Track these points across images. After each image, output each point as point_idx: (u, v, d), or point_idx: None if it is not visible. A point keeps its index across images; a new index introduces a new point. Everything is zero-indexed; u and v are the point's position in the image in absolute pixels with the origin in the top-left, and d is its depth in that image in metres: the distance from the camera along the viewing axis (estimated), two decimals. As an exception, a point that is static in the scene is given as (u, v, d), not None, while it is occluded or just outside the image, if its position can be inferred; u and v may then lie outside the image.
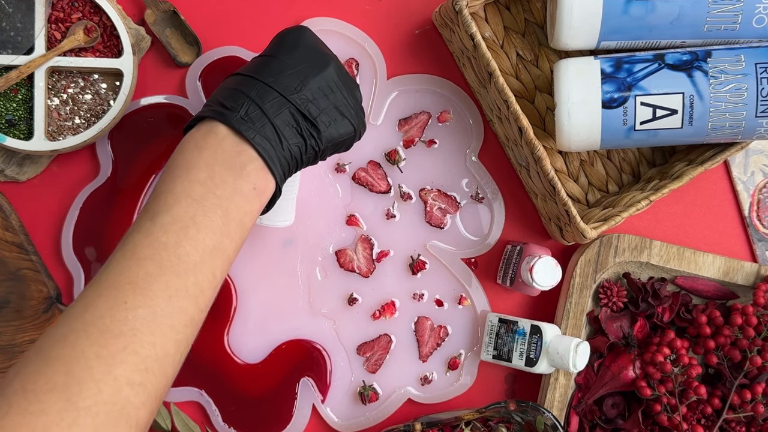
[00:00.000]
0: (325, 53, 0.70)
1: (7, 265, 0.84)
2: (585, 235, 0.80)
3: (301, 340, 0.88)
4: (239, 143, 0.63)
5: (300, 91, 0.66)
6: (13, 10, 0.81)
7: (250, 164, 0.63)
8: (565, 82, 0.79)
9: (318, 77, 0.67)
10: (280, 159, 0.65)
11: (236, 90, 0.66)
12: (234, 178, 0.62)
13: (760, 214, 0.93)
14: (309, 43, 0.70)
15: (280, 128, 0.65)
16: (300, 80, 0.67)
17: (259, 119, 0.64)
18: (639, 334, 0.88)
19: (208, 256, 0.60)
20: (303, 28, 0.72)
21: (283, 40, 0.70)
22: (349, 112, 0.69)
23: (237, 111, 0.64)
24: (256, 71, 0.67)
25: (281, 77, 0.66)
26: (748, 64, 0.76)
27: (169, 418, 0.86)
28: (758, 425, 0.86)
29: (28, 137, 0.82)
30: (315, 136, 0.67)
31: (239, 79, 0.67)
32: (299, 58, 0.68)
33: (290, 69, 0.67)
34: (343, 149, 0.72)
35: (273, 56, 0.68)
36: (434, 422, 0.84)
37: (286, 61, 0.67)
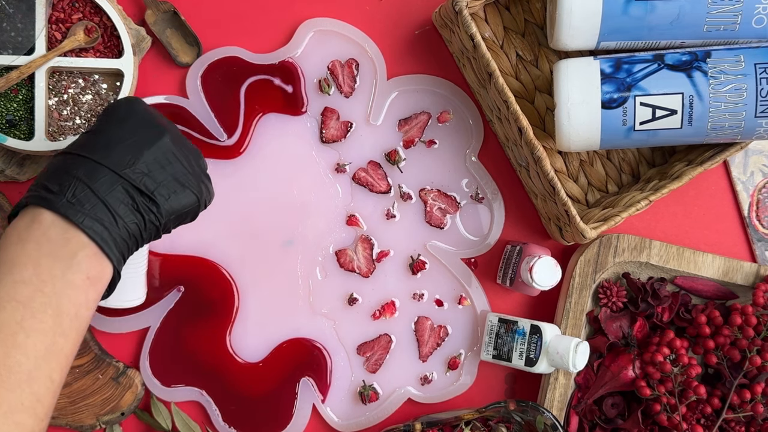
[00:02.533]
0: (159, 123, 0.66)
1: (8, 265, 0.84)
2: (585, 235, 0.80)
3: (301, 339, 0.88)
4: (67, 230, 0.59)
5: (133, 165, 0.62)
6: (14, 10, 0.81)
7: (81, 252, 0.59)
8: (565, 83, 0.79)
9: (153, 148, 0.63)
10: (116, 240, 0.60)
11: (62, 170, 0.61)
12: (63, 271, 0.58)
13: (760, 214, 0.93)
14: (140, 114, 0.66)
15: (114, 207, 0.60)
16: (133, 153, 0.62)
17: (89, 200, 0.59)
18: (638, 334, 0.89)
19: (42, 361, 0.56)
20: (134, 99, 0.67)
21: (113, 113, 0.66)
22: (190, 182, 0.65)
23: (63, 194, 0.59)
24: (84, 148, 0.62)
25: (112, 152, 0.62)
26: (748, 65, 0.77)
27: (169, 417, 0.86)
28: (758, 425, 0.86)
29: (29, 137, 0.82)
30: (154, 211, 0.63)
31: (65, 158, 0.62)
32: (131, 130, 0.64)
33: (122, 142, 0.63)
34: (188, 220, 0.68)
35: (102, 131, 0.64)
36: (434, 422, 0.85)
37: (116, 134, 0.63)
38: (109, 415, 0.85)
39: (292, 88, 0.88)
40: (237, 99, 0.88)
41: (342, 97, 0.89)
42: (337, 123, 0.89)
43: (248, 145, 0.88)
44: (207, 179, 0.69)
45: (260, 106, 0.88)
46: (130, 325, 0.86)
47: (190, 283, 0.87)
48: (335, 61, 0.89)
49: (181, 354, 0.87)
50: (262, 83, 0.88)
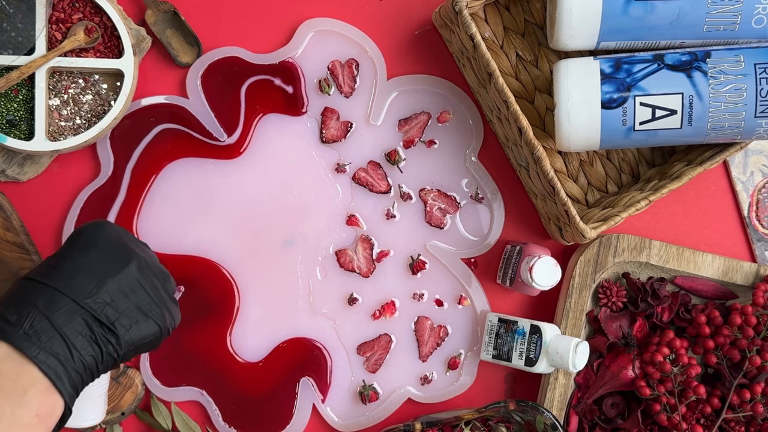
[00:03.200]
0: (127, 249, 0.65)
1: (8, 265, 0.84)
2: (584, 235, 0.80)
3: (301, 338, 0.88)
4: (21, 363, 0.58)
5: (96, 295, 0.61)
6: (14, 10, 0.81)
7: (33, 388, 0.57)
8: (565, 83, 0.79)
9: (118, 277, 0.63)
10: (70, 375, 0.59)
11: (22, 299, 0.60)
12: (12, 408, 0.57)
13: (760, 214, 0.93)
14: (108, 239, 0.65)
15: (71, 339, 0.59)
16: (96, 282, 0.61)
17: (46, 332, 0.58)
18: (638, 333, 0.89)
19: None
20: (102, 223, 0.67)
21: (78, 238, 0.65)
22: (154, 311, 0.64)
23: (20, 325, 0.58)
24: (46, 275, 0.61)
25: (74, 280, 0.61)
26: (748, 65, 0.77)
27: (169, 417, 0.86)
28: (757, 425, 0.86)
29: (29, 137, 0.82)
30: (113, 343, 0.62)
31: (27, 286, 0.61)
32: (96, 257, 0.63)
33: (85, 270, 0.62)
34: (146, 350, 0.67)
35: (66, 257, 0.63)
36: (434, 422, 0.85)
37: (80, 261, 0.62)
38: (109, 415, 0.85)
39: (292, 89, 0.88)
40: (237, 99, 0.88)
41: (342, 97, 0.89)
42: (337, 123, 0.89)
43: (248, 145, 0.88)
44: (173, 304, 0.68)
45: (260, 107, 0.88)
46: (130, 325, 0.86)
47: (190, 283, 0.87)
48: (335, 61, 0.89)
49: (181, 354, 0.87)
50: (263, 83, 0.88)
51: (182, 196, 0.87)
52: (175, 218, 0.87)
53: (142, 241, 0.69)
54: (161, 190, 0.87)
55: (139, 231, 0.87)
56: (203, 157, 0.87)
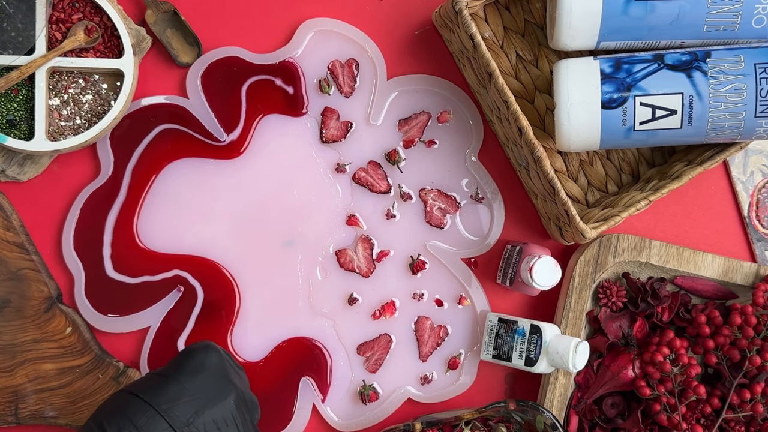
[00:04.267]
0: (228, 380, 0.68)
1: (8, 264, 0.84)
2: (584, 235, 0.80)
3: (301, 338, 0.88)
4: None
5: (192, 424, 0.63)
6: (14, 10, 0.81)
7: None
8: (565, 83, 0.79)
9: (215, 409, 0.65)
10: None
11: (122, 414, 0.62)
12: None
13: (759, 214, 0.93)
14: (214, 367, 0.68)
15: None
16: (195, 410, 0.64)
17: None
18: (638, 333, 0.89)
19: None
20: (211, 348, 0.69)
21: (187, 361, 0.67)
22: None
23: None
24: (151, 394, 0.64)
25: (176, 405, 0.63)
26: (748, 65, 0.77)
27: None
28: (757, 425, 0.86)
29: (29, 137, 0.82)
30: None
31: (131, 401, 0.63)
32: (200, 385, 0.66)
33: (187, 396, 0.64)
34: None
35: (172, 379, 0.65)
36: (434, 422, 0.85)
37: (185, 386, 0.65)
38: (109, 415, 0.85)
39: (292, 89, 0.88)
40: (237, 99, 0.88)
41: (342, 97, 0.89)
42: (337, 123, 0.89)
43: (248, 145, 0.88)
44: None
45: (261, 107, 0.88)
46: (130, 325, 0.86)
47: (192, 283, 0.87)
48: (335, 61, 0.89)
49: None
50: (263, 83, 0.88)
51: (182, 196, 0.87)
52: (175, 218, 0.87)
53: (239, 366, 0.72)
54: (161, 190, 0.87)
55: (139, 231, 0.87)
56: (203, 157, 0.87)
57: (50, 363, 0.84)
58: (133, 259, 0.86)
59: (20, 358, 0.84)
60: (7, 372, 0.84)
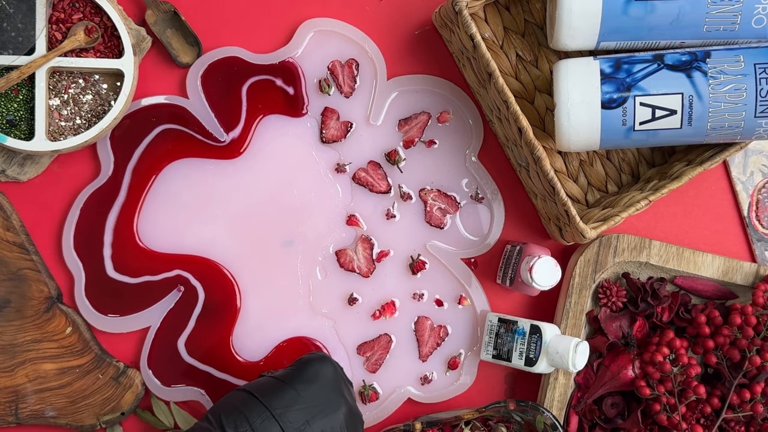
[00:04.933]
0: (341, 393, 0.70)
1: (8, 264, 0.84)
2: (584, 235, 0.80)
3: (301, 337, 0.88)
4: None
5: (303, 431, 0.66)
6: (14, 10, 0.81)
7: None
8: (565, 83, 0.79)
9: (326, 419, 0.67)
10: None
11: (241, 412, 0.65)
12: None
13: (759, 214, 0.93)
14: (328, 379, 0.70)
15: None
16: (307, 418, 0.66)
17: None
18: (638, 333, 0.89)
19: None
20: (327, 359, 0.72)
21: (304, 370, 0.70)
22: None
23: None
24: (269, 396, 0.67)
25: (290, 411, 0.66)
26: (747, 65, 0.77)
27: (170, 415, 0.86)
28: (757, 425, 0.86)
29: (29, 137, 0.82)
30: None
31: (248, 400, 0.67)
32: (314, 394, 0.68)
33: (301, 404, 0.67)
34: None
35: (289, 384, 0.68)
36: (434, 422, 0.85)
37: (300, 393, 0.68)
38: (109, 415, 0.85)
39: (293, 89, 0.88)
40: (237, 99, 0.88)
41: (342, 97, 0.89)
42: (337, 123, 0.89)
43: (248, 146, 0.88)
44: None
45: (261, 107, 0.88)
46: (130, 325, 0.86)
47: (192, 283, 0.87)
48: (335, 61, 0.89)
49: (182, 354, 0.87)
50: (263, 83, 0.88)
51: (182, 196, 0.87)
52: (176, 218, 0.87)
53: (350, 381, 0.74)
54: (161, 190, 0.87)
55: (140, 231, 0.87)
56: (203, 158, 0.87)
57: (50, 363, 0.84)
58: (134, 259, 0.86)
59: (20, 358, 0.84)
60: (8, 372, 0.84)
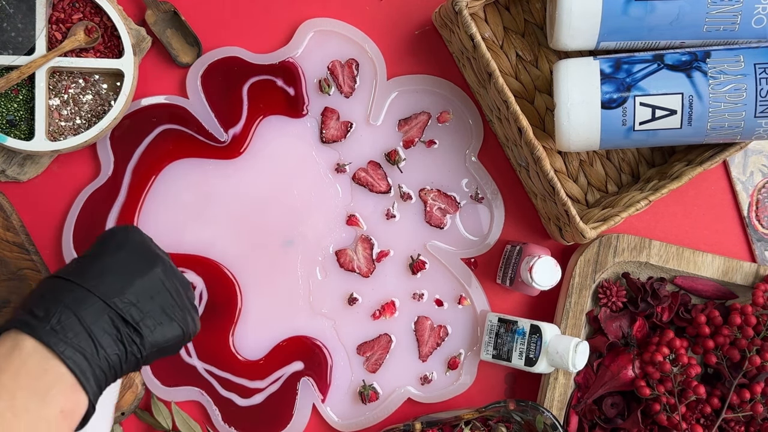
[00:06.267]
0: (152, 253, 0.66)
1: (8, 265, 0.84)
2: (584, 235, 0.80)
3: (301, 336, 0.88)
4: (47, 359, 0.58)
5: (122, 295, 0.62)
6: (14, 10, 0.81)
7: (58, 384, 0.58)
8: (565, 83, 0.79)
9: (144, 278, 0.64)
10: (95, 372, 0.59)
11: (50, 295, 0.60)
12: (38, 405, 0.57)
13: (759, 214, 0.93)
14: (135, 242, 0.66)
15: (98, 337, 0.59)
16: (123, 283, 0.62)
17: (73, 328, 0.59)
18: (638, 333, 0.89)
19: None
20: (129, 227, 0.68)
21: (108, 240, 0.66)
22: (177, 314, 0.65)
23: (48, 320, 0.59)
24: (75, 274, 0.62)
25: (102, 280, 0.62)
26: (747, 65, 0.77)
27: (170, 417, 0.86)
28: (757, 425, 0.86)
29: (29, 137, 0.82)
30: (137, 342, 0.62)
31: (55, 283, 0.62)
32: (124, 258, 0.64)
33: (113, 271, 0.63)
34: (169, 353, 0.67)
35: (95, 257, 0.64)
36: (434, 422, 0.85)
37: (109, 262, 0.64)
38: (109, 415, 0.85)
39: (293, 90, 0.88)
40: (238, 99, 0.88)
41: (342, 97, 0.89)
42: (337, 123, 0.89)
43: (248, 146, 0.88)
44: (194, 311, 0.68)
45: (262, 107, 0.88)
46: (130, 325, 0.86)
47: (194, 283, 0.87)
48: (335, 61, 0.89)
49: (182, 354, 0.87)
50: (264, 84, 0.88)
51: (182, 196, 0.87)
52: (175, 218, 0.87)
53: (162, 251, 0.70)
54: (161, 191, 0.87)
55: (139, 231, 0.87)
56: (203, 158, 0.87)
57: (50, 363, 0.84)
58: (133, 259, 0.86)
59: (20, 358, 0.84)
60: (7, 372, 0.84)
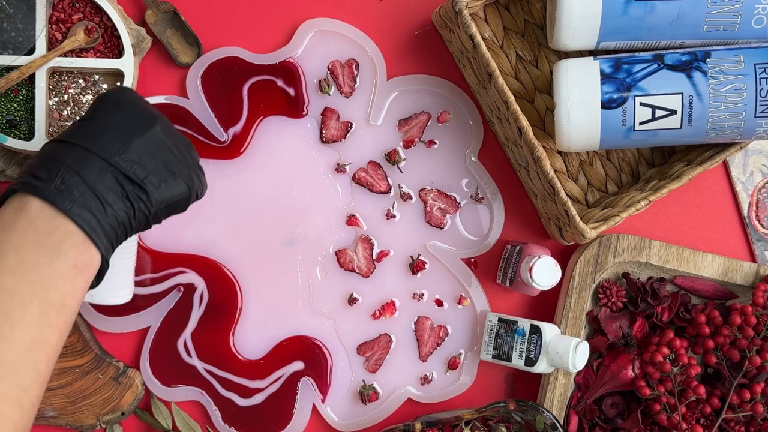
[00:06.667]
0: (149, 112, 0.65)
1: (8, 265, 0.84)
2: (584, 235, 0.80)
3: (301, 336, 0.88)
4: (55, 217, 0.58)
5: (123, 153, 0.61)
6: (14, 10, 0.81)
7: (68, 240, 0.58)
8: (565, 83, 0.79)
9: (143, 137, 0.63)
10: (104, 228, 0.60)
11: (51, 158, 0.60)
12: (50, 259, 0.57)
13: (759, 214, 0.93)
14: (131, 103, 0.65)
15: (103, 194, 0.60)
16: (123, 142, 0.62)
17: (78, 187, 0.59)
18: (638, 333, 0.89)
19: (27, 353, 0.55)
20: (125, 88, 0.67)
21: (103, 102, 0.65)
22: (181, 171, 0.65)
23: (51, 181, 0.59)
24: (74, 136, 0.62)
25: (102, 140, 0.61)
26: (747, 65, 0.77)
27: (170, 417, 0.86)
28: (757, 425, 0.86)
29: (29, 137, 0.82)
30: (144, 199, 0.62)
31: (55, 146, 0.62)
32: (121, 119, 0.64)
33: (111, 131, 0.62)
34: (179, 210, 0.67)
35: (92, 118, 0.64)
36: (434, 422, 0.85)
37: (106, 122, 0.63)
38: (109, 415, 0.85)
39: (293, 90, 0.88)
40: (237, 99, 0.88)
41: (342, 97, 0.89)
42: (337, 123, 0.89)
43: (248, 146, 0.88)
44: (200, 170, 0.68)
45: (263, 107, 0.88)
46: (130, 325, 0.86)
47: (195, 283, 0.87)
48: (335, 61, 0.89)
49: (182, 354, 0.87)
50: (263, 84, 0.88)
51: (182, 196, 0.87)
52: (175, 218, 0.86)
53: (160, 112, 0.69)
54: (161, 190, 0.87)
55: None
56: (203, 158, 0.87)
57: (50, 363, 0.84)
58: (133, 259, 0.86)
59: (20, 358, 0.84)
60: (7, 372, 0.84)
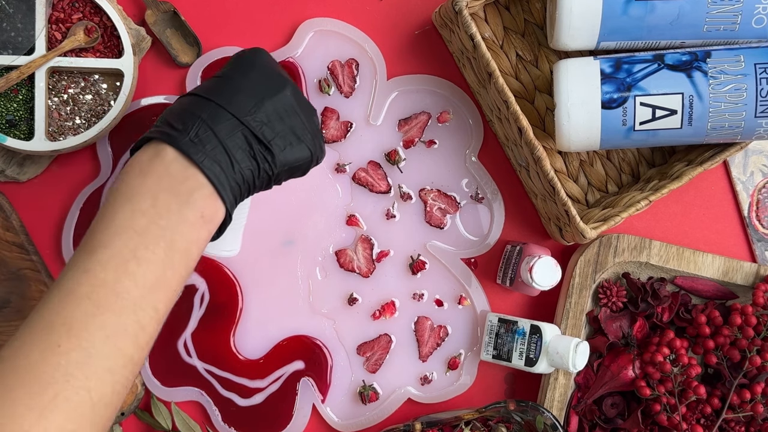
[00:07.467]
0: (281, 76, 0.68)
1: (8, 265, 0.84)
2: (584, 235, 0.80)
3: (301, 336, 0.88)
4: (187, 167, 0.61)
5: (254, 114, 0.64)
6: (14, 10, 0.81)
7: (198, 191, 0.61)
8: (565, 83, 0.79)
9: (274, 99, 0.65)
10: (231, 184, 0.62)
11: (187, 111, 0.63)
12: (180, 206, 0.60)
13: (760, 214, 0.93)
14: (265, 64, 0.68)
15: (232, 151, 0.62)
16: (255, 102, 0.64)
17: (210, 141, 0.61)
18: (638, 334, 0.89)
19: (149, 291, 0.57)
20: (259, 49, 0.69)
21: (239, 61, 0.68)
22: (306, 137, 0.67)
23: (186, 133, 0.61)
24: (210, 92, 0.64)
25: (235, 98, 0.64)
26: (748, 65, 0.77)
27: (169, 417, 0.86)
28: (757, 425, 0.86)
29: (29, 137, 0.82)
30: (269, 160, 0.64)
31: (191, 100, 0.64)
32: (255, 79, 0.66)
33: (245, 91, 0.65)
34: (298, 174, 0.69)
35: (228, 77, 0.66)
36: (434, 422, 0.85)
37: (241, 82, 0.65)
38: (109, 415, 0.85)
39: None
40: (237, 99, 0.88)
41: (342, 97, 0.89)
42: (337, 123, 0.89)
43: (248, 145, 0.88)
44: (321, 137, 0.70)
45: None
46: (130, 325, 0.86)
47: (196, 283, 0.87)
48: (335, 61, 0.89)
49: (182, 354, 0.87)
50: (262, 83, 0.88)
51: (182, 196, 0.87)
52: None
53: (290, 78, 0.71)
54: (161, 190, 0.87)
55: (139, 231, 0.87)
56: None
57: (50, 363, 0.84)
58: (133, 259, 0.86)
59: (20, 358, 0.84)
60: (7, 372, 0.84)
